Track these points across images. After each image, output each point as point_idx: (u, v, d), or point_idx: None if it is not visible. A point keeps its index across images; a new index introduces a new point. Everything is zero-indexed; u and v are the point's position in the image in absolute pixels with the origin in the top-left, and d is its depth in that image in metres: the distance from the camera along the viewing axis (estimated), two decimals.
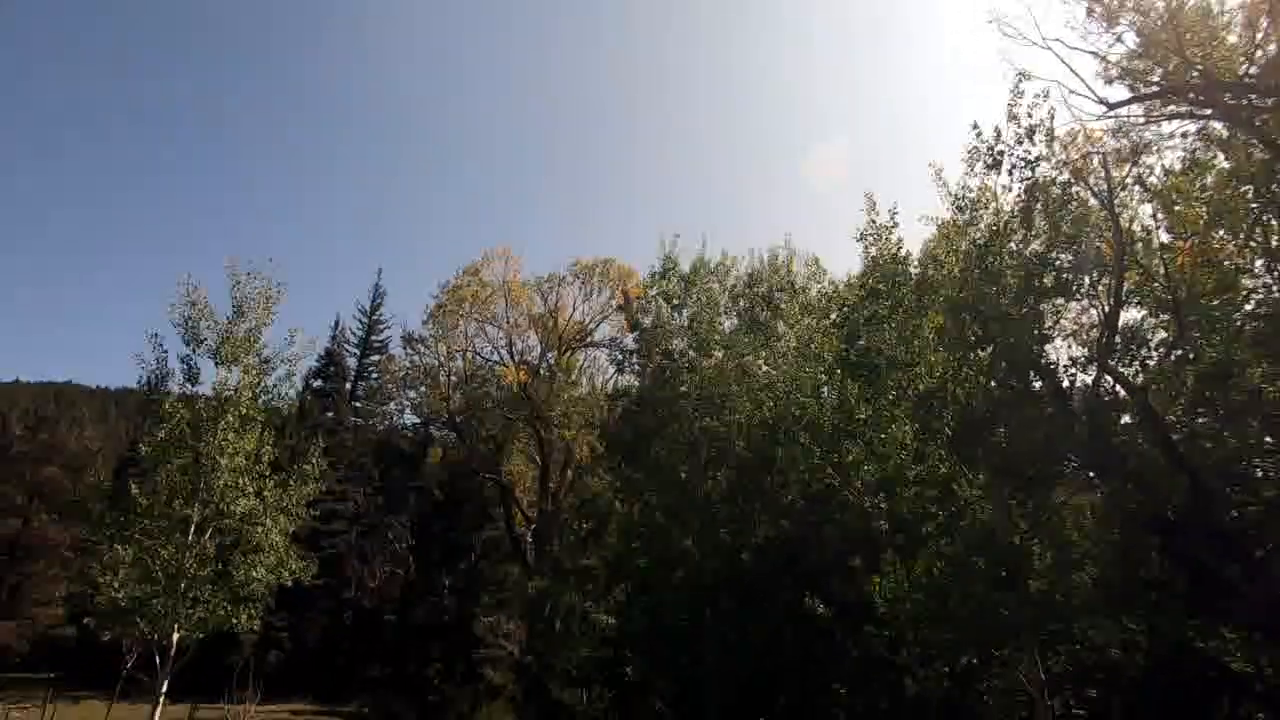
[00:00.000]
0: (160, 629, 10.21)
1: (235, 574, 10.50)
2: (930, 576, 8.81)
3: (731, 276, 19.23)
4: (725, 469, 15.87)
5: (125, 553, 10.05)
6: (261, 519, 10.71)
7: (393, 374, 36.62)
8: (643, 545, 17.21)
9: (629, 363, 21.17)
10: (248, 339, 11.38)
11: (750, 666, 14.96)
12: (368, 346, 43.46)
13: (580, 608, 21.14)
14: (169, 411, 10.71)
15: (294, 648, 33.94)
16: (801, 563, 13.52)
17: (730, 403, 16.17)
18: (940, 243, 11.22)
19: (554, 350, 33.28)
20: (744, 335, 17.40)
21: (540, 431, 31.44)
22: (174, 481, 10.54)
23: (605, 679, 20.03)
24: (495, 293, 32.44)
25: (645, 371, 19.42)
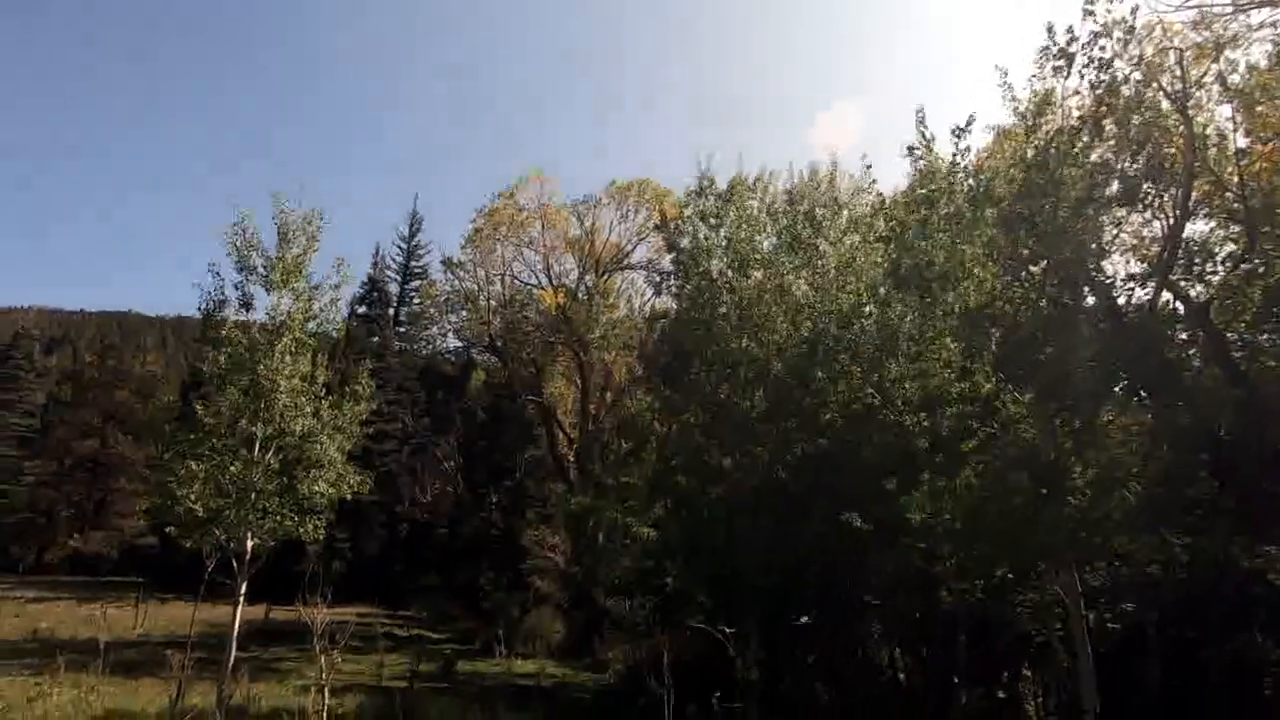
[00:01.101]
0: (235, 537, 11.06)
1: (299, 488, 11.23)
2: (968, 492, 8.86)
3: (771, 193, 18.70)
4: (763, 389, 15.94)
5: (198, 469, 10.77)
6: (319, 437, 11.33)
7: (434, 299, 37.24)
8: (681, 463, 17.62)
9: (667, 284, 21.08)
10: (295, 265, 11.70)
11: (786, 578, 15.49)
12: (408, 273, 44.13)
13: (622, 523, 21.95)
14: (228, 337, 11.24)
15: (355, 558, 36.29)
16: (838, 480, 13.71)
17: (769, 323, 16.05)
18: (997, 152, 10.65)
19: (591, 273, 33.25)
20: (784, 254, 17.06)
21: (579, 354, 31.87)
22: (237, 402, 11.15)
23: (647, 589, 21.04)
24: (531, 216, 32.26)
25: (683, 292, 19.32)
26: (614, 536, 22.32)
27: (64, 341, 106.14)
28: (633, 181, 32.47)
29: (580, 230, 33.16)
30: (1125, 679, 11.43)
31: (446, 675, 19.00)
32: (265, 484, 10.97)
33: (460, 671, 19.99)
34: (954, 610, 12.68)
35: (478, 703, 12.86)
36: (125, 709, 11.18)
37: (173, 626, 25.05)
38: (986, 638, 13.62)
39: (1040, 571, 10.32)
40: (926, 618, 14.78)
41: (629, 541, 21.86)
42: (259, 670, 17.61)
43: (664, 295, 23.47)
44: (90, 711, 10.69)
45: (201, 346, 46.63)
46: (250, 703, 11.94)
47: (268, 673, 17.71)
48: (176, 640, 21.61)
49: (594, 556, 22.81)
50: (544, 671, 21.60)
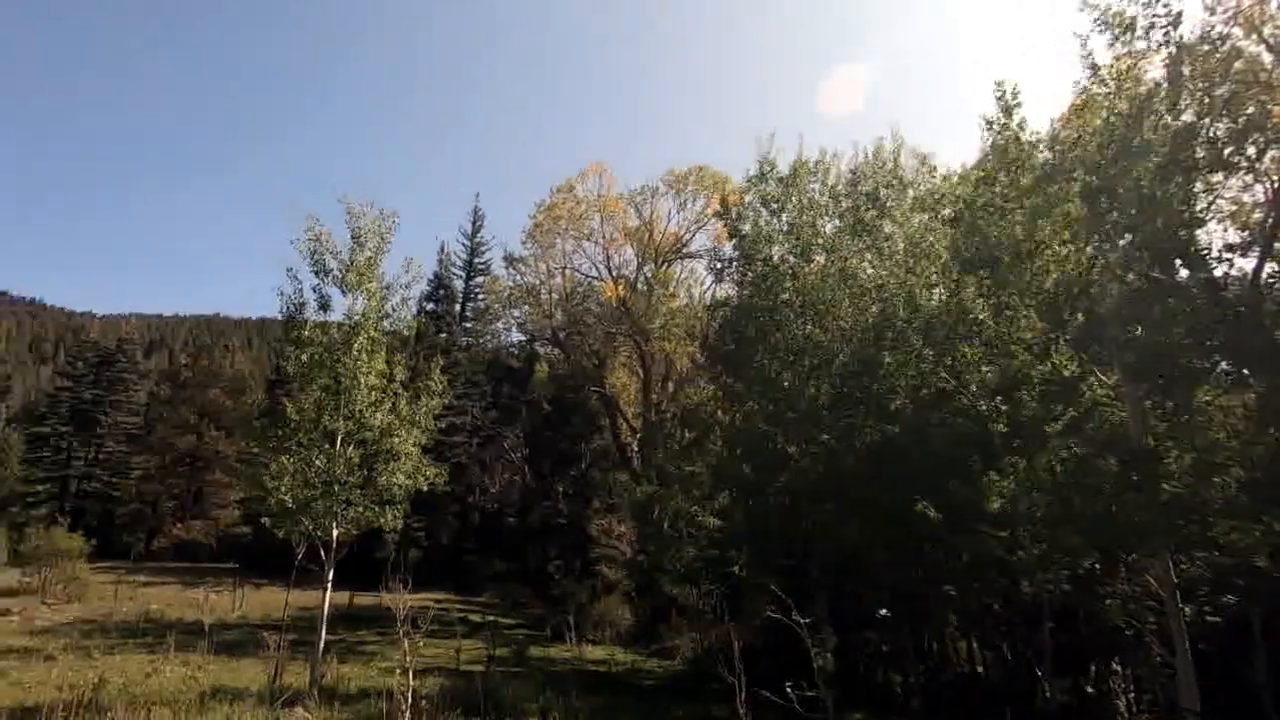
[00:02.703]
0: (322, 527, 11.68)
1: (379, 479, 11.76)
2: (1052, 478, 8.45)
3: (833, 175, 18.20)
4: (829, 375, 15.64)
5: (287, 463, 11.42)
6: (397, 431, 11.83)
7: (497, 294, 38.06)
8: (745, 452, 17.50)
9: (727, 271, 20.84)
10: (368, 266, 12.19)
11: (855, 567, 15.23)
12: (472, 269, 45.17)
13: (687, 511, 21.99)
14: (308, 337, 11.83)
15: (429, 545, 37.64)
16: (909, 467, 13.35)
17: (834, 308, 15.72)
18: (1073, 122, 10.05)
19: (650, 263, 33.28)
20: (848, 237, 16.64)
21: (640, 344, 32.01)
22: (320, 399, 11.75)
23: (713, 577, 21.05)
24: (590, 208, 32.49)
25: (744, 280, 19.10)
26: (679, 525, 22.37)
27: (161, 344, 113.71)
28: (690, 168, 32.27)
29: (638, 220, 33.21)
30: (1227, 677, 10.75)
31: (520, 660, 19.55)
32: (348, 476, 11.54)
33: (532, 656, 20.52)
34: (1036, 601, 12.19)
35: (551, 687, 13.18)
36: (229, 686, 11.98)
37: (266, 610, 26.68)
38: (1072, 629, 13.05)
39: (1131, 561, 9.79)
40: (1006, 608, 14.27)
41: (694, 530, 21.89)
42: (345, 652, 18.59)
43: (725, 283, 23.23)
44: (198, 688, 11.51)
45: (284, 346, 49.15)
46: (340, 683, 12.61)
47: (353, 655, 18.65)
48: (271, 623, 23.02)
49: (659, 545, 22.93)
50: (613, 658, 21.95)
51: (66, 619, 22.56)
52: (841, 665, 15.01)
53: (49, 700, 9.41)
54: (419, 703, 7.94)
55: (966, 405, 11.65)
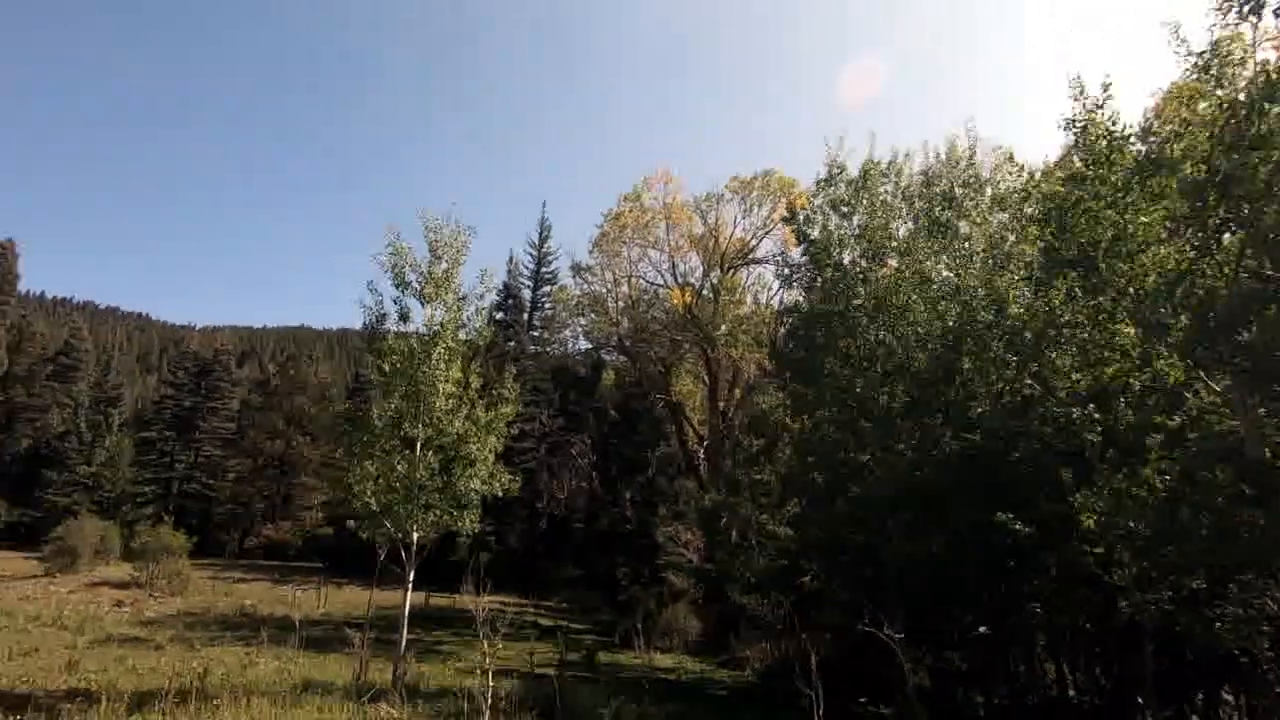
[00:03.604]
0: (403, 529, 12.15)
1: (456, 484, 12.15)
2: (1154, 491, 7.89)
3: (905, 176, 17.71)
4: (904, 382, 15.17)
5: (370, 467, 11.95)
6: (473, 437, 12.21)
7: (565, 303, 38.69)
8: (817, 461, 17.16)
9: (796, 277, 20.54)
10: (445, 278, 12.65)
11: (933, 580, 14.66)
12: (539, 278, 46.12)
13: (756, 520, 21.73)
14: (390, 347, 12.37)
15: (500, 549, 38.45)
16: (992, 478, 12.78)
17: (908, 313, 15.25)
18: (1168, 113, 9.43)
19: (716, 269, 33.17)
20: (922, 239, 16.13)
21: (707, 351, 31.91)
22: (400, 407, 12.25)
23: (783, 587, 20.69)
24: (656, 216, 32.68)
25: (814, 285, 18.79)
26: (747, 534, 22.13)
27: (252, 354, 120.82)
28: (756, 174, 32.06)
29: (704, 227, 33.18)
30: None
31: (589, 665, 19.71)
32: (427, 481, 11.97)
33: (602, 662, 20.66)
34: (1134, 622, 11.41)
35: (623, 693, 13.24)
36: (318, 680, 12.58)
37: (348, 608, 27.89)
38: (1175, 654, 12.15)
39: (1246, 582, 9.04)
40: (1100, 629, 13.43)
41: (763, 539, 21.60)
42: (423, 652, 19.19)
43: (793, 288, 22.90)
44: (291, 680, 12.14)
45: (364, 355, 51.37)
46: (420, 681, 13.04)
47: (431, 654, 19.24)
48: (353, 620, 24.04)
49: (728, 553, 22.74)
50: (683, 666, 21.86)
51: (171, 611, 24.22)
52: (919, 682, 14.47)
53: (162, 687, 10.14)
54: (498, 703, 8.13)
55: (1055, 413, 11.06)
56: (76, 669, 12.75)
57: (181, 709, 8.30)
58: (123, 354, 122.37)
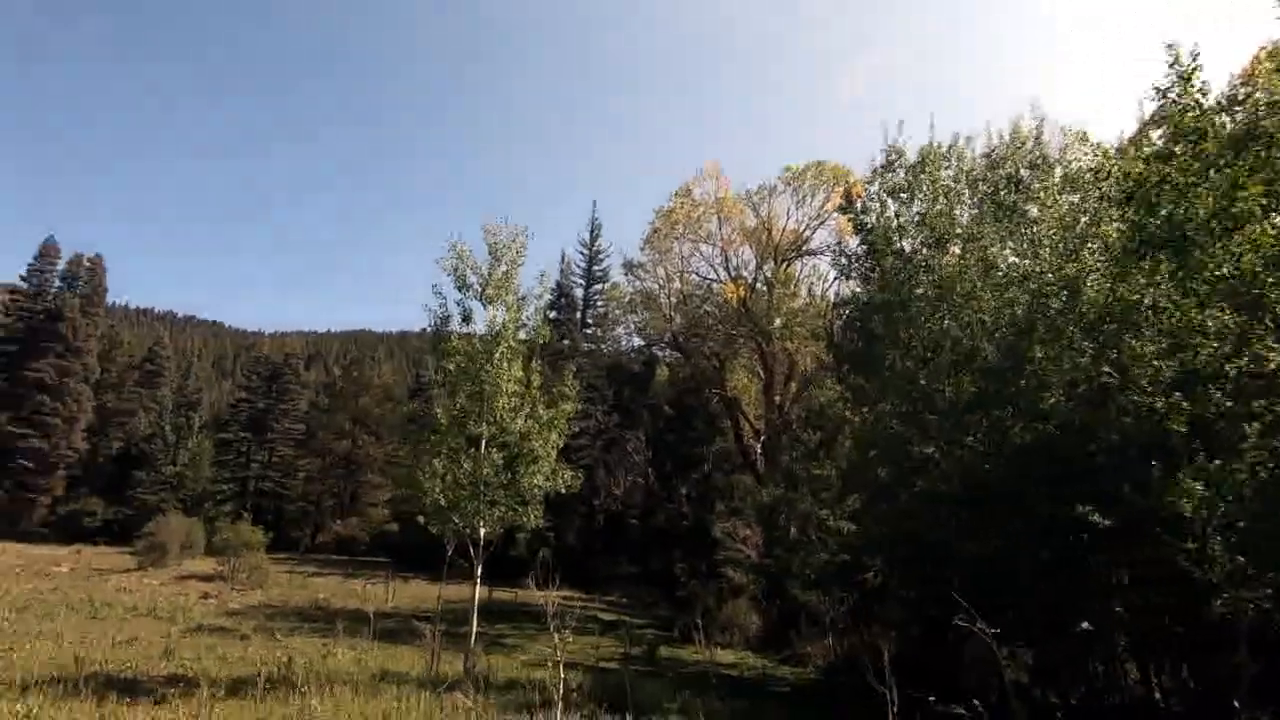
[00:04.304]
0: (470, 525, 12.49)
1: (520, 481, 12.42)
2: (1253, 480, 7.40)
3: (968, 160, 17.13)
4: (970, 373, 14.70)
5: (438, 465, 12.33)
6: (535, 435, 12.46)
7: (617, 300, 38.90)
8: (878, 455, 16.81)
9: (853, 267, 20.13)
10: (505, 280, 12.94)
11: (1003, 576, 14.19)
12: (591, 277, 46.56)
13: (815, 515, 21.45)
14: (454, 348, 12.74)
15: (558, 545, 39.04)
16: (1067, 471, 12.27)
17: (973, 301, 14.78)
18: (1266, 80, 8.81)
19: (770, 262, 32.78)
20: (987, 224, 15.58)
21: (762, 345, 31.59)
22: (465, 406, 12.60)
23: (845, 583, 20.37)
24: (707, 210, 32.50)
25: (872, 275, 18.39)
26: (807, 529, 21.86)
27: (318, 358, 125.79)
28: (808, 164, 31.46)
29: (756, 220, 32.81)
30: None
31: (650, 659, 19.85)
32: (492, 478, 12.29)
33: (663, 657, 20.77)
34: (1228, 620, 10.79)
35: (687, 688, 13.29)
36: (393, 669, 13.06)
37: (415, 601, 28.81)
38: (1274, 654, 11.44)
39: None
40: (1190, 628, 12.75)
41: (824, 535, 21.30)
42: (489, 645, 19.67)
43: (850, 279, 22.46)
44: (368, 670, 12.64)
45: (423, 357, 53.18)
46: (490, 672, 13.38)
47: (496, 647, 19.71)
48: (421, 614, 24.82)
49: (787, 549, 22.52)
50: (745, 662, 21.78)
51: (253, 603, 25.49)
52: (989, 681, 14.04)
53: (252, 674, 10.71)
54: (569, 695, 8.29)
55: (1137, 403, 10.55)
56: (173, 657, 13.58)
57: (272, 695, 8.76)
58: (200, 360, 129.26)
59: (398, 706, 8.47)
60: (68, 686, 9.14)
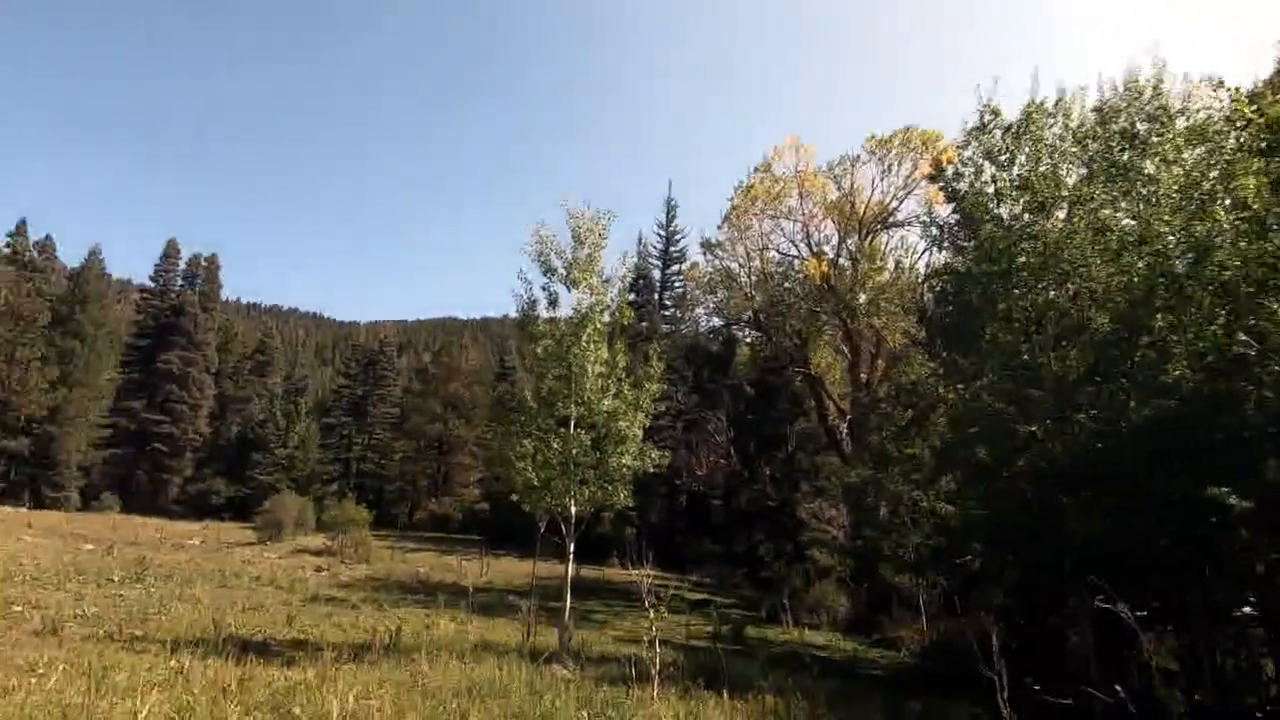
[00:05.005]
0: (561, 504, 12.81)
1: (608, 461, 12.62)
2: None
3: (1075, 115, 15.88)
4: (1080, 345, 13.75)
5: (529, 446, 12.69)
6: (623, 415, 12.61)
7: (696, 280, 38.61)
8: (978, 433, 16.05)
9: (945, 237, 19.16)
10: (588, 263, 13.09)
11: (1119, 561, 13.29)
12: (668, 257, 46.45)
13: (907, 496, 20.77)
14: (541, 332, 13.03)
15: (641, 525, 39.55)
16: (1195, 448, 11.30)
17: (1083, 268, 13.78)
18: None
19: (854, 235, 31.63)
20: (1098, 184, 14.45)
21: (847, 321, 30.63)
22: (554, 388, 12.88)
23: (940, 567, 19.66)
24: (788, 185, 31.62)
25: (967, 245, 17.46)
26: (899, 511, 21.19)
27: (409, 345, 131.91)
28: (894, 132, 30.02)
29: (838, 192, 31.68)
30: None
31: (737, 638, 19.87)
32: (582, 458, 12.55)
33: (750, 636, 20.75)
34: None
35: (777, 667, 13.24)
36: (491, 640, 13.66)
37: (507, 577, 29.96)
38: None
39: None
40: None
41: (916, 516, 20.61)
42: (579, 620, 20.24)
43: (942, 250, 21.39)
44: (468, 640, 13.26)
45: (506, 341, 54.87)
46: (583, 646, 13.77)
47: (585, 622, 20.24)
48: (514, 589, 25.79)
49: (878, 531, 21.92)
50: (834, 644, 21.47)
51: (359, 576, 27.21)
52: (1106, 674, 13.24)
53: (365, 641, 11.47)
54: (664, 670, 8.42)
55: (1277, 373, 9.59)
56: (295, 623, 14.71)
57: (387, 660, 9.34)
58: (304, 350, 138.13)
59: (500, 675, 8.85)
60: (209, 647, 10.06)
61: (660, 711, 7.28)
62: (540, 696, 7.70)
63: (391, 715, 6.01)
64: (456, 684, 8.04)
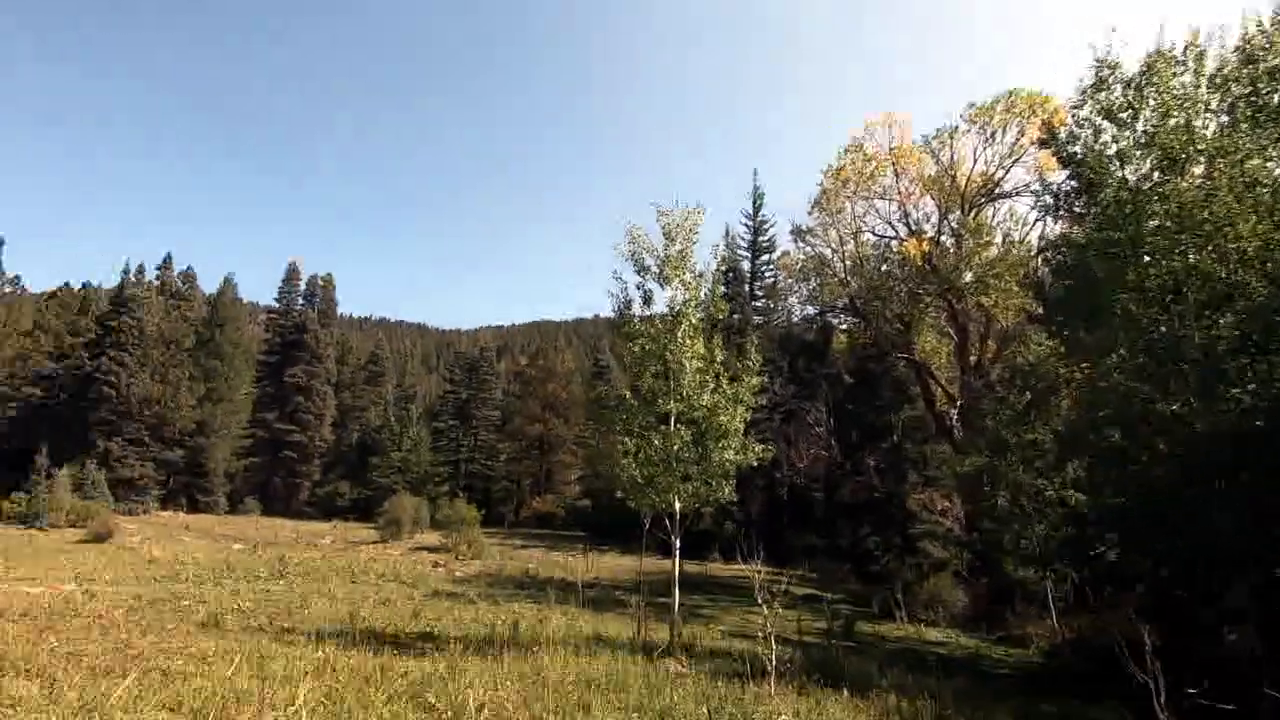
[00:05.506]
0: (665, 500, 12.91)
1: (711, 456, 12.59)
2: None
3: (1211, 60, 14.33)
4: (1229, 313, 12.41)
5: (630, 443, 12.86)
6: (723, 409, 12.55)
7: (788, 268, 37.75)
8: (1107, 415, 14.84)
9: (1059, 206, 17.80)
10: (680, 259, 13.10)
11: None
12: (756, 248, 45.72)
13: (1029, 485, 19.51)
14: (637, 330, 13.17)
15: (742, 519, 39.20)
16: None
17: (1227, 228, 12.43)
18: None
19: (956, 211, 29.87)
20: (1242, 133, 12.97)
21: (952, 302, 29.02)
22: (652, 385, 12.99)
23: (1071, 559, 18.35)
24: (881, 163, 30.24)
25: (1086, 212, 16.17)
26: (1020, 500, 19.93)
27: (506, 350, 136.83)
28: (996, 97, 28.08)
29: (937, 167, 29.99)
30: None
31: (849, 635, 19.31)
32: (684, 453, 12.59)
33: (862, 633, 20.14)
34: None
35: (896, 665, 12.77)
36: (603, 635, 13.93)
37: (612, 572, 30.52)
38: None
39: None
40: None
41: (1040, 506, 19.32)
42: (687, 615, 20.33)
43: (1057, 219, 19.88)
44: (581, 634, 13.60)
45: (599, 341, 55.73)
46: (694, 641, 13.82)
47: (693, 617, 20.30)
48: (619, 584, 26.25)
49: (997, 522, 20.70)
50: (953, 641, 20.48)
51: (474, 572, 28.52)
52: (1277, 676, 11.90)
53: (485, 635, 12.02)
54: (780, 666, 8.32)
55: None
56: (420, 617, 15.61)
57: (508, 652, 9.75)
58: (411, 359, 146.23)
59: (616, 668, 9.02)
60: (348, 639, 10.85)
61: (779, 708, 7.19)
62: (658, 691, 7.79)
63: (520, 705, 6.26)
64: (575, 677, 8.27)
